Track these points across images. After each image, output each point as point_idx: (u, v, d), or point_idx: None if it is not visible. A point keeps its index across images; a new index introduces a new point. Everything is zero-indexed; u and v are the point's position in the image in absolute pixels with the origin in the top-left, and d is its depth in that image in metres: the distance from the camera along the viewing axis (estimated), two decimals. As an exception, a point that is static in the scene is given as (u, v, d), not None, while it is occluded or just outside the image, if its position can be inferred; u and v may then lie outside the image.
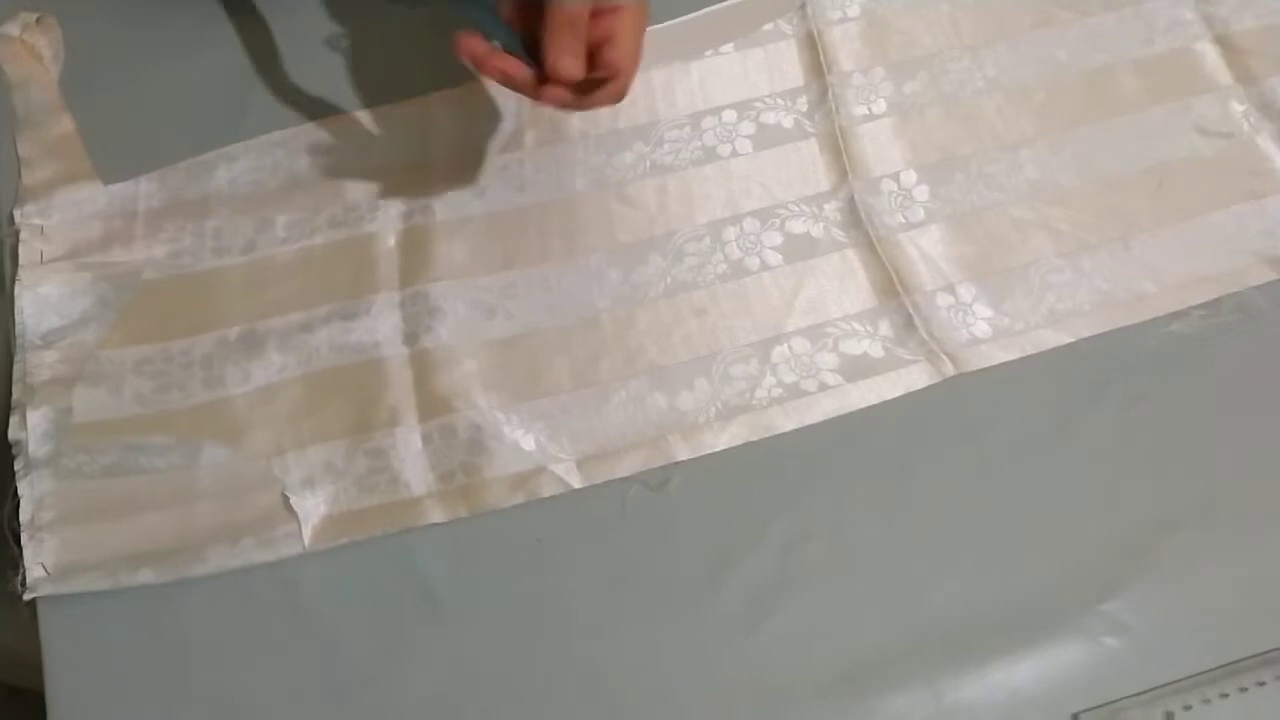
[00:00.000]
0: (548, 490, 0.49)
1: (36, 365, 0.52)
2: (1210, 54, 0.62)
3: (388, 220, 0.56)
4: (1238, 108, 0.60)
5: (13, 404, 0.51)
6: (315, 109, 0.59)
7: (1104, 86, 0.61)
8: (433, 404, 0.51)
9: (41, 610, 0.47)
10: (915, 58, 0.62)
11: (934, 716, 0.44)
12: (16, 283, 0.54)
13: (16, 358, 0.52)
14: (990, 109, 0.61)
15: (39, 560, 0.48)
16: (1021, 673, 0.45)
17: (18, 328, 0.53)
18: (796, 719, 0.45)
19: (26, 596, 0.47)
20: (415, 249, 0.55)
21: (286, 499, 0.49)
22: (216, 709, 0.46)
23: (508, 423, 0.51)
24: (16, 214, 0.56)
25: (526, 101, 0.60)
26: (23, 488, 0.49)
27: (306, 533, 0.48)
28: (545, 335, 0.54)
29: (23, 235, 0.55)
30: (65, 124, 0.59)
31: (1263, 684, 0.45)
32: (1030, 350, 0.53)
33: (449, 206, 0.57)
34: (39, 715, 0.46)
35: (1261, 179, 0.58)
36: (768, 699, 0.45)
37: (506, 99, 0.60)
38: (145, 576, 0.48)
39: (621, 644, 0.47)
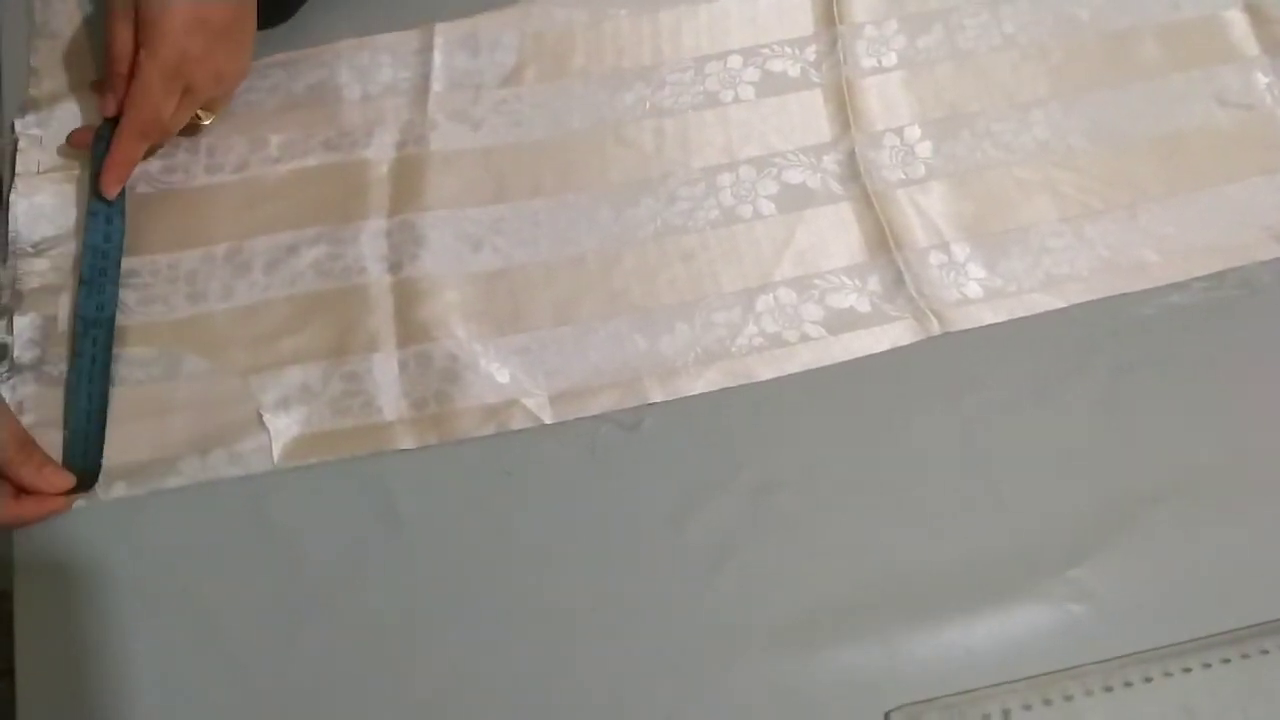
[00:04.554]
0: (518, 423, 0.49)
1: (27, 272, 0.53)
2: (1239, 22, 0.60)
3: (382, 147, 0.56)
4: (1262, 79, 0.58)
5: (1, 309, 0.52)
6: (316, 33, 0.59)
7: (1125, 50, 0.60)
8: (412, 332, 0.51)
9: (15, 511, 0.48)
10: (932, 11, 0.61)
11: (886, 670, 0.44)
12: (12, 191, 0.55)
13: (8, 264, 0.53)
14: (1004, 66, 0.59)
15: (16, 462, 0.48)
16: (979, 633, 0.45)
17: (11, 235, 0.54)
18: (750, 663, 0.45)
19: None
20: (407, 178, 0.55)
21: (260, 416, 0.49)
22: (181, 617, 0.46)
23: (485, 354, 0.51)
24: (17, 123, 0.56)
25: (529, 35, 0.59)
26: (5, 390, 0.50)
27: (277, 450, 0.49)
28: (530, 271, 0.53)
29: (21, 145, 0.56)
30: (81, 37, 0.59)
31: (1227, 661, 0.44)
32: (1021, 313, 0.52)
33: (444, 137, 0.56)
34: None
35: (1278, 153, 0.56)
36: (722, 642, 0.45)
37: (509, 32, 0.59)
38: (119, 490, 0.48)
39: (582, 579, 0.47)
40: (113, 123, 0.53)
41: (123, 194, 0.53)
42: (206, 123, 0.55)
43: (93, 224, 0.52)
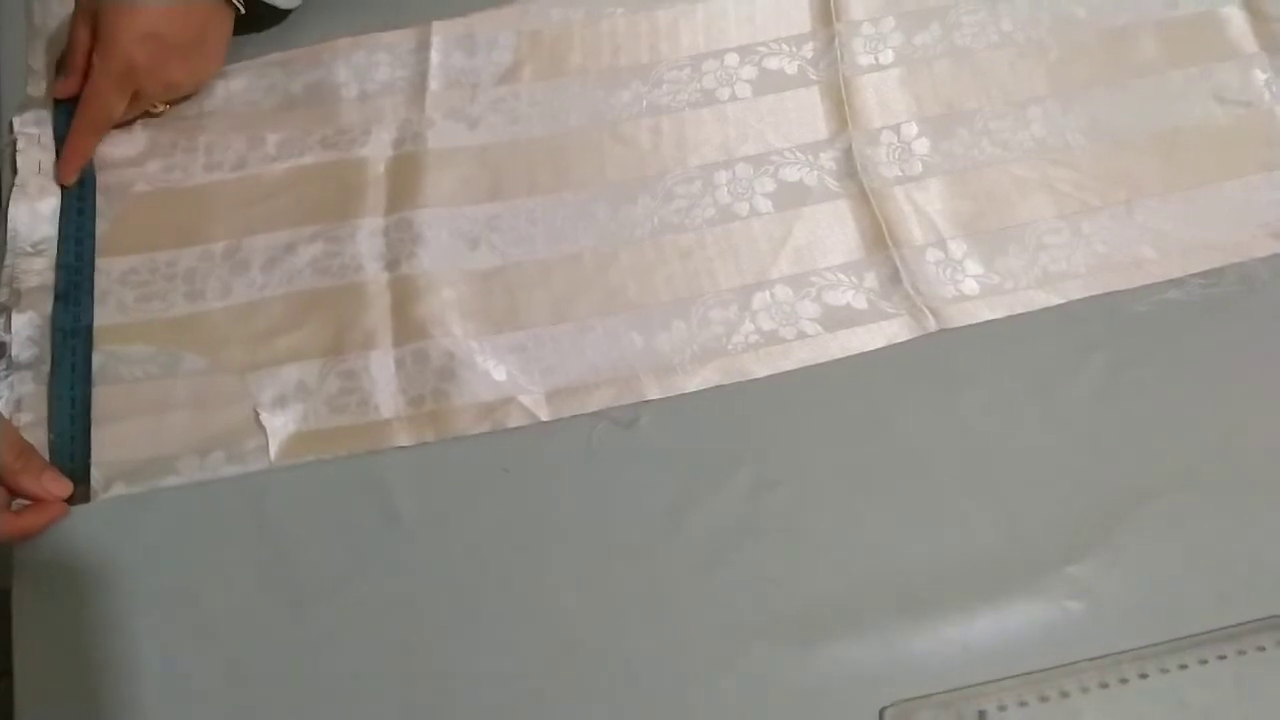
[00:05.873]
0: (514, 421, 0.49)
1: (26, 271, 0.53)
2: (1237, 19, 0.60)
3: (379, 145, 0.56)
4: (1260, 76, 0.58)
5: (-2, 307, 0.52)
6: (314, 32, 0.59)
7: (1122, 47, 0.60)
8: (409, 329, 0.51)
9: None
10: (929, 8, 0.61)
11: (882, 665, 0.44)
12: (12, 190, 0.55)
13: (7, 262, 0.53)
14: (1002, 64, 0.59)
15: (15, 460, 0.48)
16: (977, 629, 0.45)
17: (10, 233, 0.54)
18: (746, 659, 0.45)
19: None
20: (404, 176, 0.55)
21: (257, 415, 0.49)
22: (179, 615, 0.46)
23: (481, 352, 0.51)
24: (16, 122, 0.56)
25: (526, 34, 0.60)
26: (2, 389, 0.50)
27: (274, 448, 0.49)
28: (526, 268, 0.53)
29: (20, 145, 0.56)
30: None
31: (1223, 658, 0.44)
32: (1018, 310, 0.52)
33: (441, 136, 0.56)
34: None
35: (1277, 150, 0.56)
36: (718, 638, 0.45)
37: (506, 31, 0.59)
38: (118, 489, 0.48)
39: (579, 576, 0.46)
40: (68, 108, 0.55)
41: (92, 212, 0.54)
42: (159, 111, 0.57)
43: (65, 246, 0.53)
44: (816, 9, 0.60)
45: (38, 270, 0.53)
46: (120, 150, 0.56)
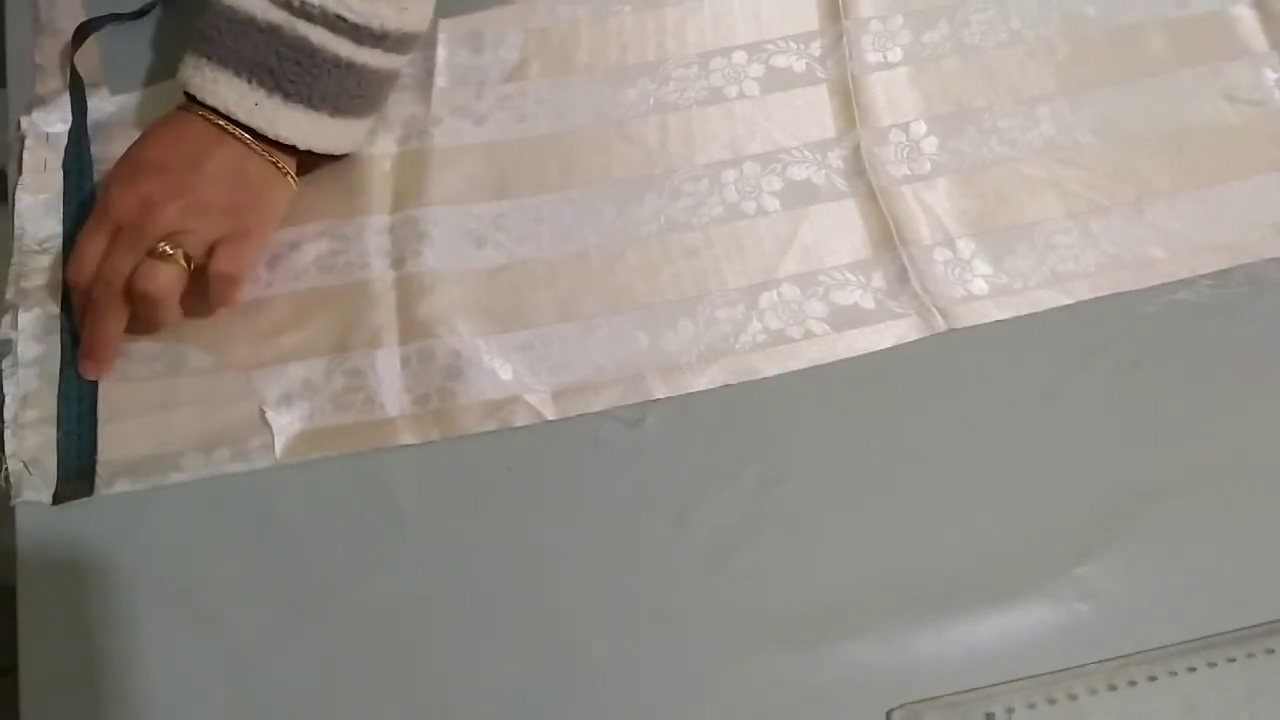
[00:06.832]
0: (520, 419, 0.49)
1: (32, 269, 0.53)
2: (1247, 18, 0.60)
3: (385, 142, 0.56)
4: (1270, 75, 0.58)
5: (5, 304, 0.52)
6: (321, 29, 0.59)
7: (1132, 46, 0.59)
8: (414, 328, 0.51)
9: (18, 508, 0.48)
10: (938, 6, 0.60)
11: (889, 667, 0.44)
12: (19, 187, 0.55)
13: (14, 260, 0.53)
14: (1011, 62, 0.59)
15: (20, 458, 0.48)
16: (983, 631, 0.44)
17: (16, 231, 0.54)
18: (752, 660, 0.44)
19: (14, 500, 0.48)
20: (410, 173, 0.55)
21: (262, 412, 0.49)
22: (184, 612, 0.46)
23: (487, 351, 0.51)
24: (23, 120, 0.56)
25: (533, 31, 0.59)
26: (8, 386, 0.50)
27: (279, 446, 0.49)
28: (532, 267, 0.53)
29: (28, 142, 0.56)
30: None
31: (1233, 661, 0.43)
32: (1026, 310, 0.52)
33: (447, 133, 0.56)
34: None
35: (1288, 149, 0.56)
36: (725, 639, 0.45)
37: (513, 29, 0.59)
38: (122, 485, 0.48)
39: (584, 576, 0.46)
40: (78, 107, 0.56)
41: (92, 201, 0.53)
42: (173, 253, 0.48)
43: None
44: (824, 6, 0.60)
45: (44, 268, 0.53)
46: (123, 148, 0.56)
